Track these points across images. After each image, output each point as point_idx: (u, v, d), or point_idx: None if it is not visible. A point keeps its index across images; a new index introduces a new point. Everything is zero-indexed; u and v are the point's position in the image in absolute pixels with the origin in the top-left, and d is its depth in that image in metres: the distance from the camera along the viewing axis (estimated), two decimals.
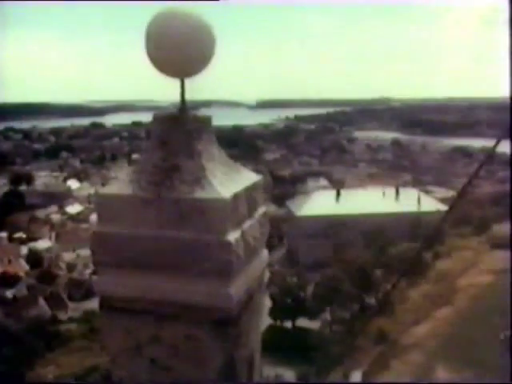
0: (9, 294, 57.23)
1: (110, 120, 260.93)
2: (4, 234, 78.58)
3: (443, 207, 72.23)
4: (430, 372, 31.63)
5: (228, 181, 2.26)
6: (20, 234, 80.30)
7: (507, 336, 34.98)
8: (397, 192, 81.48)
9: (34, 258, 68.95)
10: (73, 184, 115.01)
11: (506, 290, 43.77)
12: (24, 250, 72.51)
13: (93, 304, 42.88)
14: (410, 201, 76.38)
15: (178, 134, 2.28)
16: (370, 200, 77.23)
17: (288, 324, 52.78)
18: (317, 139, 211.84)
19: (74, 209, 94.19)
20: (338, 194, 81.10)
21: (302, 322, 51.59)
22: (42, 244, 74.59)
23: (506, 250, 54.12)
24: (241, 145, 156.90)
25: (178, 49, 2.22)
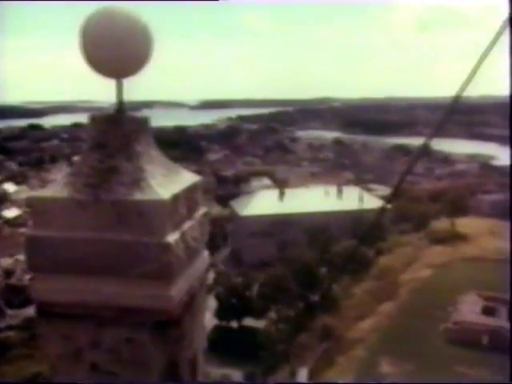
0: None
1: (49, 121, 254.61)
2: None
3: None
4: (375, 366, 32.24)
5: (167, 182, 2.24)
6: None
7: (448, 328, 36.04)
8: (339, 190, 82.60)
9: None
10: (9, 187, 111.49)
11: (445, 283, 45.12)
12: None
13: (33, 310, 41.79)
14: (352, 199, 77.58)
15: (115, 135, 2.25)
16: (313, 199, 78.01)
17: (234, 324, 52.83)
18: (260, 139, 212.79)
19: (10, 213, 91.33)
20: (282, 194, 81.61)
21: (248, 322, 51.74)
22: None
23: (444, 244, 55.84)
24: (183, 145, 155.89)
25: (115, 48, 2.18)
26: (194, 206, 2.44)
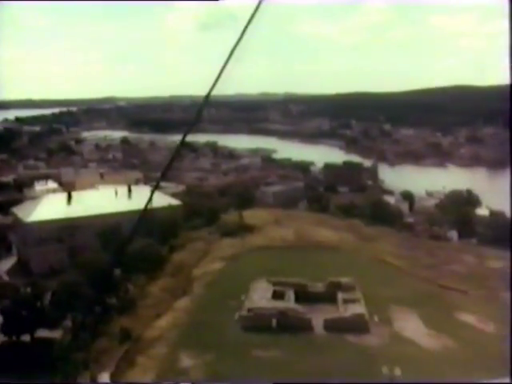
0: None
1: None
2: None
3: (175, 201, 74.82)
4: (175, 361, 32.65)
5: None
6: None
7: (242, 316, 37.73)
8: (129, 190, 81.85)
9: None
10: None
11: (237, 273, 47.17)
12: None
13: None
14: (143, 198, 77.21)
15: None
16: (103, 200, 76.42)
17: (26, 337, 49.86)
18: (42, 141, 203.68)
19: None
20: (69, 197, 78.65)
21: (43, 333, 49.20)
22: None
23: (234, 236, 58.29)
24: None
25: None
26: None
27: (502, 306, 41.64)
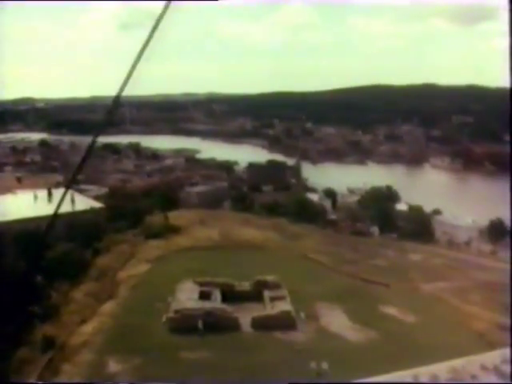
0: None
1: None
2: None
3: (97, 204, 73.25)
4: (102, 367, 32.00)
5: None
6: None
7: (169, 318, 37.40)
8: (49, 193, 79.46)
9: None
10: None
11: (163, 275, 46.71)
12: None
13: None
14: (64, 201, 75.15)
15: None
16: (21, 204, 73.82)
17: None
18: None
19: None
20: None
21: None
22: None
23: (159, 238, 57.71)
24: None
25: None
26: None
27: (422, 297, 43.38)
